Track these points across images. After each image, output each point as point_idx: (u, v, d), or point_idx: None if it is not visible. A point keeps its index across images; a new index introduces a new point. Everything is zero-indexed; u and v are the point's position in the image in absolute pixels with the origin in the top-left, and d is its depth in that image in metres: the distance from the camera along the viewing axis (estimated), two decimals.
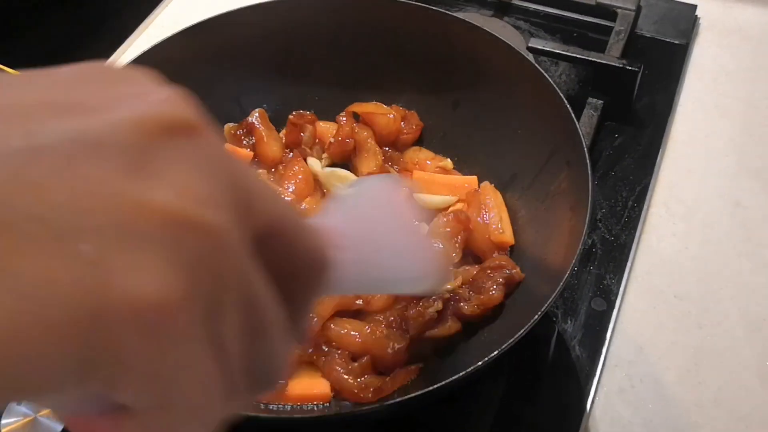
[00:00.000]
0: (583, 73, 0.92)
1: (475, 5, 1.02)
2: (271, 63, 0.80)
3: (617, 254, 0.77)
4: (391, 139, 0.78)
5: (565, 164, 0.67)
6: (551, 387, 0.68)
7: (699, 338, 0.71)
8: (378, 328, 0.63)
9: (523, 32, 0.98)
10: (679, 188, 0.83)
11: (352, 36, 0.79)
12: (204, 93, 0.85)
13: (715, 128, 0.88)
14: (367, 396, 0.60)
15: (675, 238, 0.79)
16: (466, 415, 0.66)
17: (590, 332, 0.71)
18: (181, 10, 1.03)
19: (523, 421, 0.66)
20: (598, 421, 0.66)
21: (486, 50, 0.74)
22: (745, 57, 0.96)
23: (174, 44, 0.73)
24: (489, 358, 0.53)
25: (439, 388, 0.54)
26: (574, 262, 0.57)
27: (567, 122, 0.66)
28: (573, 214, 0.63)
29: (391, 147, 0.78)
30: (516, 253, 0.70)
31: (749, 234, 0.79)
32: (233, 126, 0.78)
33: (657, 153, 0.85)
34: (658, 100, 0.91)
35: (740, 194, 0.82)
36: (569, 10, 1.00)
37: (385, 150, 0.78)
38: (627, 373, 0.69)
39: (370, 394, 0.60)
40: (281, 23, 0.78)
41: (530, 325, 0.54)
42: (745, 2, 1.02)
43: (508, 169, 0.75)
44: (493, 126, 0.76)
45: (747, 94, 0.92)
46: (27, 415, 0.56)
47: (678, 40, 0.97)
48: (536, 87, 0.70)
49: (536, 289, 0.63)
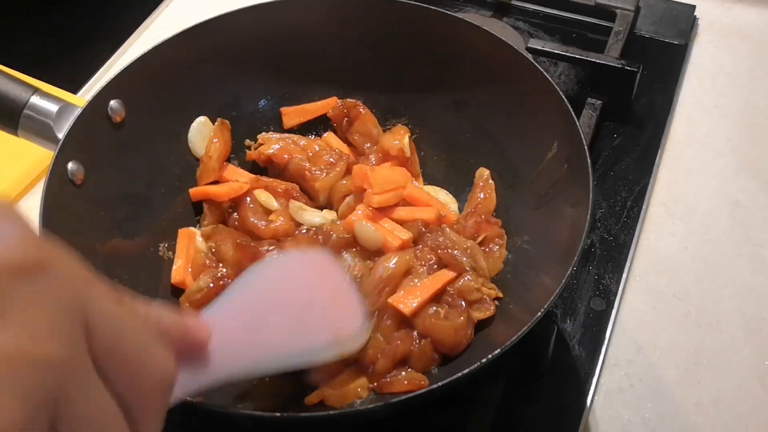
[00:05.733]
0: (582, 74, 0.93)
1: (474, 5, 1.02)
2: (270, 63, 0.80)
3: (616, 254, 0.77)
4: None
5: (566, 164, 0.67)
6: (551, 387, 0.68)
7: (698, 338, 0.71)
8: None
9: (522, 33, 0.98)
10: (678, 188, 0.83)
11: (351, 36, 0.79)
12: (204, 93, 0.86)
13: (714, 128, 0.88)
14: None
15: (674, 237, 0.79)
16: (467, 415, 0.66)
17: (590, 332, 0.71)
18: (181, 11, 1.03)
19: (523, 420, 0.66)
20: (598, 421, 0.66)
21: (486, 50, 0.74)
22: (744, 57, 0.96)
23: (174, 44, 0.73)
24: (489, 358, 0.54)
25: (439, 387, 0.54)
26: (575, 261, 0.57)
27: (567, 122, 0.66)
28: (573, 213, 0.63)
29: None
30: (516, 254, 0.70)
31: (748, 234, 0.79)
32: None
33: (656, 153, 0.85)
34: (657, 101, 0.91)
35: (739, 194, 0.82)
36: (568, 10, 1.00)
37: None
38: (626, 373, 0.69)
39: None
40: (281, 24, 0.78)
41: (530, 325, 0.54)
42: (744, 2, 1.02)
43: (508, 168, 0.75)
44: (493, 126, 0.76)
45: (746, 94, 0.92)
46: None
47: (677, 41, 0.97)
48: (536, 87, 0.70)
49: (536, 289, 0.64)
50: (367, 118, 0.78)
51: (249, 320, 0.45)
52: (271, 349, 0.46)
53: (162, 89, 0.74)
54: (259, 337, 0.45)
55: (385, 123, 0.81)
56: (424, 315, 0.64)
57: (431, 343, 0.63)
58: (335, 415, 0.58)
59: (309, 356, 0.49)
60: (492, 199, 0.74)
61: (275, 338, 0.46)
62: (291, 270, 0.52)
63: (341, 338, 0.50)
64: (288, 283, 0.50)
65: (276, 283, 0.49)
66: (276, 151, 0.76)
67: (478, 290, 0.65)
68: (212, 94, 0.77)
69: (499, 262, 0.70)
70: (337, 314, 0.52)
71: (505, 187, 0.74)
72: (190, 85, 0.76)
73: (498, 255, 0.70)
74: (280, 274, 0.51)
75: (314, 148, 0.76)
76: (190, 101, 0.76)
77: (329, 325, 0.50)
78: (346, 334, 0.51)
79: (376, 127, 0.79)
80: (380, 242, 0.69)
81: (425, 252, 0.68)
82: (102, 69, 0.96)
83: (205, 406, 0.54)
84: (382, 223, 0.71)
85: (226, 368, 0.42)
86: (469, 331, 0.64)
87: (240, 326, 0.44)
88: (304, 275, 0.52)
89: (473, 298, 0.65)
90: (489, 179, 0.75)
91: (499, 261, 0.70)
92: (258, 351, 0.45)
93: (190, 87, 0.76)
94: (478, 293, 0.65)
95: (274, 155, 0.76)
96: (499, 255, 0.70)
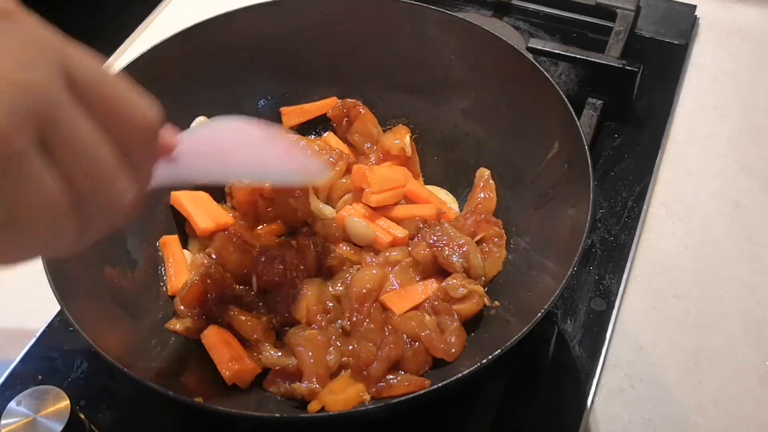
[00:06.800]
0: (582, 74, 0.93)
1: (474, 5, 1.02)
2: (270, 63, 0.80)
3: (617, 254, 0.77)
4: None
5: (566, 164, 0.67)
6: (551, 387, 0.68)
7: (698, 338, 0.71)
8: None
9: (522, 32, 0.98)
10: (678, 188, 0.83)
11: (351, 36, 0.79)
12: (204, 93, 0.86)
13: (715, 128, 0.88)
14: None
15: (674, 238, 0.79)
16: (467, 415, 0.66)
17: (590, 332, 0.71)
18: (181, 10, 1.03)
19: (523, 420, 0.66)
20: (598, 421, 0.66)
21: (486, 50, 0.74)
22: (744, 57, 0.96)
23: (174, 44, 0.73)
24: (489, 358, 0.53)
25: (440, 387, 0.54)
26: (575, 261, 0.57)
27: (568, 122, 0.66)
28: (574, 213, 0.63)
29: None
30: (516, 254, 0.70)
31: (748, 234, 0.79)
32: None
33: (656, 153, 0.85)
34: (657, 100, 0.91)
35: (739, 194, 0.82)
36: (569, 10, 1.00)
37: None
38: (627, 373, 0.69)
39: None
40: (280, 24, 0.78)
41: (530, 326, 0.54)
42: (744, 2, 1.02)
43: (508, 168, 0.75)
44: (493, 126, 0.76)
45: (746, 94, 0.92)
46: (27, 415, 0.56)
47: (677, 41, 0.97)
48: (537, 87, 0.70)
49: (536, 290, 0.64)
50: (367, 117, 0.78)
51: (215, 147, 0.52)
52: (236, 166, 0.54)
53: (162, 89, 0.73)
54: (225, 158, 0.52)
55: (385, 123, 0.81)
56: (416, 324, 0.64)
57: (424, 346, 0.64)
58: (335, 415, 0.58)
59: (275, 176, 0.60)
60: (492, 199, 0.74)
61: (240, 161, 0.54)
62: (249, 128, 0.57)
63: (304, 171, 0.62)
64: (250, 135, 0.57)
65: (239, 132, 0.56)
66: None
67: (463, 286, 0.65)
68: (212, 94, 0.77)
69: (498, 262, 0.70)
70: (298, 157, 0.63)
71: (505, 187, 0.74)
72: (190, 85, 0.76)
73: (498, 255, 0.70)
74: (242, 128, 0.56)
75: (314, 148, 0.76)
76: (190, 101, 0.76)
77: (291, 160, 0.60)
78: (309, 169, 0.63)
79: (375, 127, 0.79)
80: (371, 238, 0.70)
81: (421, 246, 0.68)
82: None
83: (205, 406, 0.54)
84: (379, 221, 0.72)
85: (194, 170, 0.48)
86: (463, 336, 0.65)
87: (207, 149, 0.50)
88: (261, 133, 0.58)
89: (459, 295, 0.65)
90: (489, 179, 0.75)
91: (498, 261, 0.70)
92: (223, 165, 0.52)
93: (190, 87, 0.76)
94: (463, 290, 0.65)
95: None
96: (499, 255, 0.70)
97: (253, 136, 0.56)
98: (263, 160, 0.56)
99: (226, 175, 0.58)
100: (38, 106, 0.31)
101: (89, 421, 0.62)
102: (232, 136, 0.54)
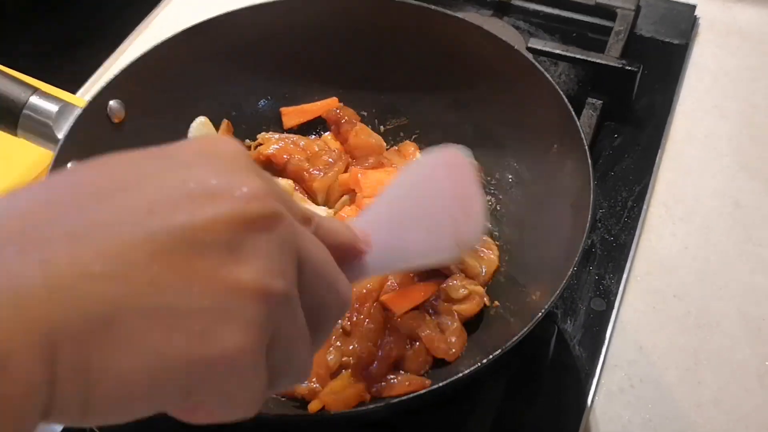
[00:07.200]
0: (582, 74, 0.93)
1: (474, 5, 1.02)
2: (270, 63, 0.80)
3: (617, 254, 0.77)
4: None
5: (566, 163, 0.67)
6: (551, 387, 0.68)
7: (699, 338, 0.71)
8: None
9: (522, 32, 0.98)
10: (678, 188, 0.83)
11: (351, 36, 0.79)
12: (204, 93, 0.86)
13: (715, 128, 0.88)
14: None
15: (674, 238, 0.79)
16: (467, 415, 0.66)
17: (590, 332, 0.71)
18: (181, 10, 1.03)
19: (523, 420, 0.66)
20: (598, 421, 0.66)
21: (486, 50, 0.74)
22: (744, 57, 0.96)
23: (174, 44, 0.73)
24: (489, 359, 0.53)
25: (440, 387, 0.54)
26: (575, 261, 0.57)
27: (568, 121, 0.66)
28: (574, 213, 0.63)
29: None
30: (516, 254, 0.70)
31: (749, 234, 0.79)
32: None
33: (656, 153, 0.85)
34: (657, 100, 0.91)
35: (739, 194, 0.82)
36: (569, 10, 1.00)
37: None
38: (627, 373, 0.69)
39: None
40: (281, 23, 0.78)
41: (531, 326, 0.54)
42: (744, 2, 1.02)
43: (508, 168, 0.75)
44: (493, 126, 0.76)
45: (746, 94, 0.92)
46: None
47: (677, 40, 0.97)
48: (537, 86, 0.70)
49: (536, 290, 0.64)
50: (360, 131, 0.78)
51: (393, 226, 0.49)
52: (407, 251, 0.50)
53: (162, 89, 0.74)
54: (399, 241, 0.49)
55: (385, 123, 0.81)
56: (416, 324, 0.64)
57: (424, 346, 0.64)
58: (335, 415, 0.58)
59: (435, 257, 0.53)
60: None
61: (410, 241, 0.50)
62: (429, 174, 0.55)
63: (461, 241, 0.53)
64: (425, 188, 0.53)
65: (415, 188, 0.53)
66: (275, 151, 0.76)
67: (464, 287, 0.65)
68: (212, 94, 0.77)
69: (495, 261, 0.70)
70: (461, 217, 0.54)
71: (505, 187, 0.74)
72: (189, 85, 0.76)
73: (495, 255, 0.70)
74: (420, 179, 0.54)
75: (314, 148, 0.76)
76: (190, 101, 0.76)
77: (453, 228, 0.53)
78: (465, 237, 0.54)
79: (371, 136, 0.78)
80: None
81: None
82: (101, 69, 0.96)
83: None
84: None
85: (371, 269, 0.45)
86: (464, 336, 0.64)
87: (385, 231, 0.48)
88: (439, 178, 0.55)
89: (459, 296, 0.65)
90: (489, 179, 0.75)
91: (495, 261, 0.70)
92: (397, 253, 0.48)
93: (190, 87, 0.76)
94: (464, 290, 0.65)
95: (273, 155, 0.76)
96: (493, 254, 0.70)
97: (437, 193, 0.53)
98: (432, 230, 0.52)
99: (397, 266, 0.54)
100: (277, 317, 0.32)
101: None
102: (408, 199, 0.52)
